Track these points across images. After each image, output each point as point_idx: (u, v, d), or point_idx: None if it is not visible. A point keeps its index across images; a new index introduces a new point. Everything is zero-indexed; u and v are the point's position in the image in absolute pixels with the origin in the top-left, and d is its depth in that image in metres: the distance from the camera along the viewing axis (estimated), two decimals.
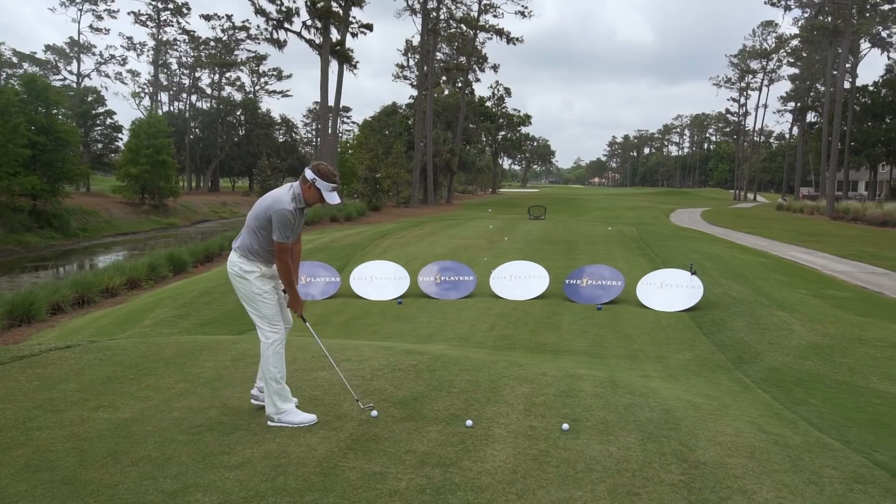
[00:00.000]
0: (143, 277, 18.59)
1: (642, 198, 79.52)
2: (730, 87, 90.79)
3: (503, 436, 4.27)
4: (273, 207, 4.32)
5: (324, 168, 4.39)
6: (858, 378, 8.20)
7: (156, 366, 5.80)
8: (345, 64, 45.09)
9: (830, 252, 25.28)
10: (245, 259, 4.44)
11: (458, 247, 21.73)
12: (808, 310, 12.44)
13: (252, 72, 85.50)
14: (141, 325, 10.88)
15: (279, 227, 4.29)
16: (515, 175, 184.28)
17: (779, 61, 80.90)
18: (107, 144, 60.18)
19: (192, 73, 79.85)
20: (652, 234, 26.37)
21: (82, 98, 56.22)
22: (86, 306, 15.57)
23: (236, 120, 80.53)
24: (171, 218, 48.17)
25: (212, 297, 13.08)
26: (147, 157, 45.76)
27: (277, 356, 4.46)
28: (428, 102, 56.45)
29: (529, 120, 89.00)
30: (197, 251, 24.43)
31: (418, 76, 58.27)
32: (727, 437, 4.39)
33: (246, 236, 4.46)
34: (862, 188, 79.42)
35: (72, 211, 37.77)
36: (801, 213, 52.09)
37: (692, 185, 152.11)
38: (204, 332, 10.33)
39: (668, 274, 12.81)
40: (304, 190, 4.38)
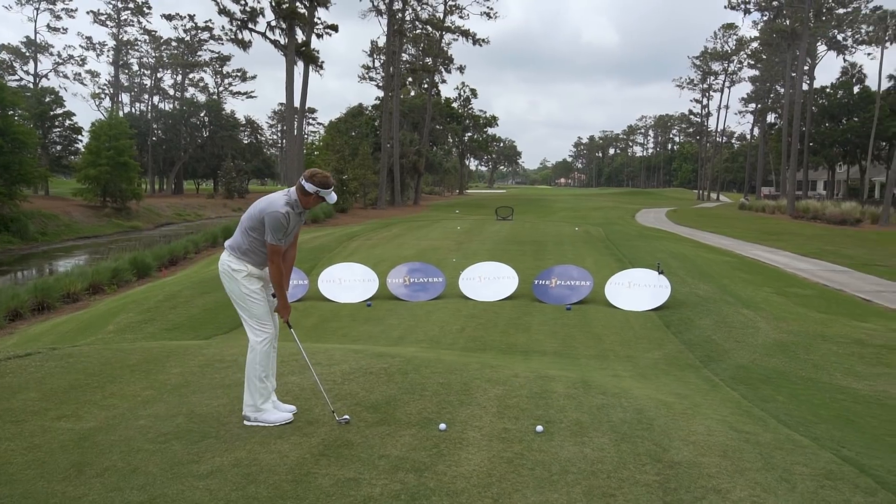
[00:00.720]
0: (106, 282, 18.15)
1: (608, 198, 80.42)
2: (692, 88, 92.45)
3: (477, 439, 4.24)
4: (266, 210, 4.39)
5: (321, 178, 4.45)
6: (823, 374, 8.37)
7: (120, 373, 5.64)
8: (310, 65, 44.70)
9: (792, 250, 25.88)
10: (235, 258, 4.50)
11: (426, 248, 21.69)
12: (772, 308, 12.69)
13: (216, 73, 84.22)
14: (104, 331, 10.60)
15: (271, 230, 4.34)
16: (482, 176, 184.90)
17: (739, 63, 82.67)
18: (66, 146, 58.56)
19: (153, 73, 78.35)
20: (619, 234, 26.67)
21: (39, 99, 54.62)
22: (46, 312, 15.13)
23: (200, 121, 79.15)
24: (133, 221, 47.11)
25: (177, 302, 12.82)
26: (108, 159, 44.68)
27: (265, 355, 4.51)
28: (394, 103, 56.27)
29: (496, 121, 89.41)
30: (161, 255, 23.97)
31: (384, 77, 58.07)
32: (700, 437, 4.43)
33: (238, 236, 4.53)
34: (821, 188, 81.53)
35: (30, 214, 36.70)
36: (763, 213, 53.23)
37: (656, 185, 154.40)
38: (170, 337, 10.11)
39: (635, 273, 12.94)
40: (305, 201, 4.47)
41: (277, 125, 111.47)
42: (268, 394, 4.57)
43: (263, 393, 4.53)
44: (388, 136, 56.00)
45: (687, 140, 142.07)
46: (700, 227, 38.85)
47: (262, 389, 4.52)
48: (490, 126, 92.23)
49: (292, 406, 4.78)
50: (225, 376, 5.59)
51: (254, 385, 4.50)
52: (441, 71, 71.07)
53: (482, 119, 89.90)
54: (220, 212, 61.34)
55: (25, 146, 36.88)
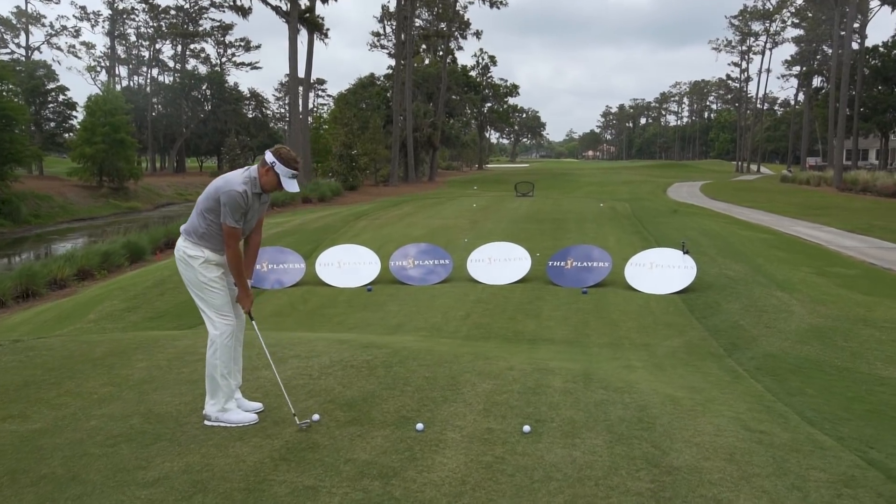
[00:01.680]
0: (96, 267, 18.24)
1: (638, 171, 79.53)
2: (730, 50, 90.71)
3: (456, 440, 4.08)
4: (222, 189, 4.23)
5: (285, 152, 4.30)
6: (861, 363, 8.09)
7: (81, 368, 5.56)
8: (315, 32, 44.42)
9: (837, 226, 25.29)
10: (190, 243, 4.35)
11: (437, 228, 21.53)
12: (810, 289, 12.36)
13: (218, 43, 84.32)
14: (84, 321, 10.62)
15: (228, 211, 4.20)
16: (504, 150, 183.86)
17: (782, 22, 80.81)
18: (60, 123, 59.10)
19: (152, 44, 78.53)
20: (647, 211, 26.27)
21: (31, 73, 55.10)
22: (31, 299, 15.25)
23: (202, 95, 79.45)
24: (132, 201, 47.54)
25: (165, 288, 12.81)
26: (103, 136, 44.98)
27: (225, 349, 4.37)
28: (407, 73, 55.87)
29: (517, 90, 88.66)
30: (157, 237, 24.02)
31: (395, 44, 57.61)
32: (706, 438, 4.23)
33: (194, 218, 4.37)
34: (872, 157, 79.74)
35: (22, 196, 37.12)
36: (807, 185, 52.23)
37: (692, 156, 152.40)
38: (152, 326, 10.09)
39: (658, 254, 12.67)
40: (261, 174, 4.30)
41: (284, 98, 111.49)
42: (230, 392, 4.46)
43: (226, 391, 4.41)
44: (400, 107, 55.69)
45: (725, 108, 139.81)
46: (737, 201, 38.19)
47: (224, 387, 4.40)
48: (511, 95, 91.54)
49: (258, 404, 4.67)
50: (193, 371, 5.49)
51: (214, 383, 4.38)
52: (457, 37, 70.52)
53: (502, 88, 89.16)
54: None
55: (16, 123, 37.19)
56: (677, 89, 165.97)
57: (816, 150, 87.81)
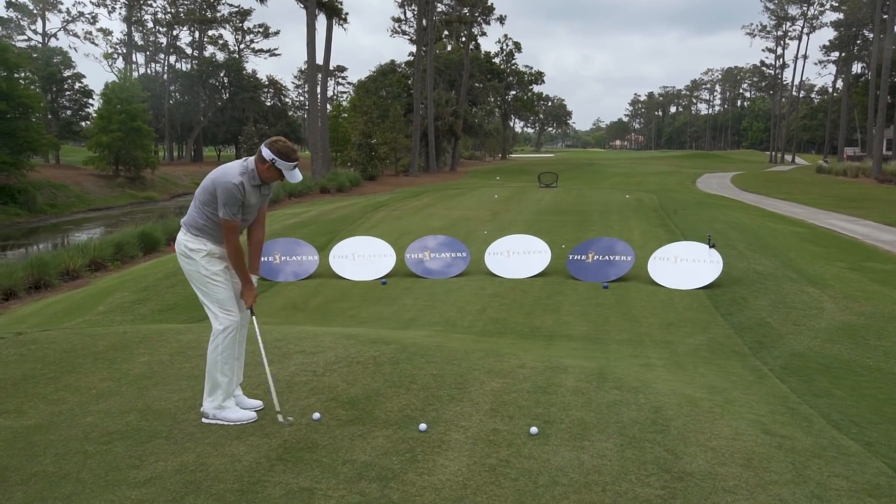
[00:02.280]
0: (109, 258, 18.43)
1: (667, 162, 78.74)
2: (765, 36, 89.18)
3: (460, 442, 4.03)
4: (218, 181, 4.23)
5: (282, 146, 4.28)
6: (894, 364, 7.90)
7: (82, 362, 5.59)
8: (333, 18, 44.43)
9: (875, 219, 24.80)
10: (191, 236, 4.34)
11: (457, 219, 21.45)
12: (843, 285, 12.12)
13: (236, 29, 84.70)
14: (94, 312, 10.72)
15: (224, 203, 4.19)
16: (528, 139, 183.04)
17: (821, 5, 79.23)
18: (76, 111, 59.88)
19: (169, 31, 79.14)
20: (674, 202, 25.96)
21: (48, 60, 55.82)
22: (43, 290, 15.44)
23: (219, 82, 79.96)
24: (148, 191, 48.04)
25: (177, 280, 12.87)
26: (120, 124, 45.45)
27: (228, 347, 4.36)
28: (428, 59, 55.73)
29: (542, 78, 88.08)
30: (172, 228, 24.20)
31: (417, 30, 57.47)
32: (722, 441, 4.13)
33: (192, 211, 4.36)
34: None
35: (38, 185, 37.65)
36: (845, 177, 51.30)
37: (723, 146, 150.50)
38: (161, 318, 10.16)
39: (683, 247, 12.48)
40: (259, 168, 4.29)
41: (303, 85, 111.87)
42: (230, 389, 4.44)
43: (226, 388, 4.39)
44: (421, 95, 55.59)
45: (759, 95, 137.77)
46: (769, 193, 37.64)
47: (224, 384, 4.38)
48: (536, 83, 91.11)
49: (258, 402, 4.65)
50: (195, 366, 5.49)
51: (214, 379, 4.36)
52: (480, 22, 70.14)
53: (527, 75, 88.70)
54: None
55: (32, 111, 37.69)
56: (709, 76, 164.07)
57: (855, 140, 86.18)
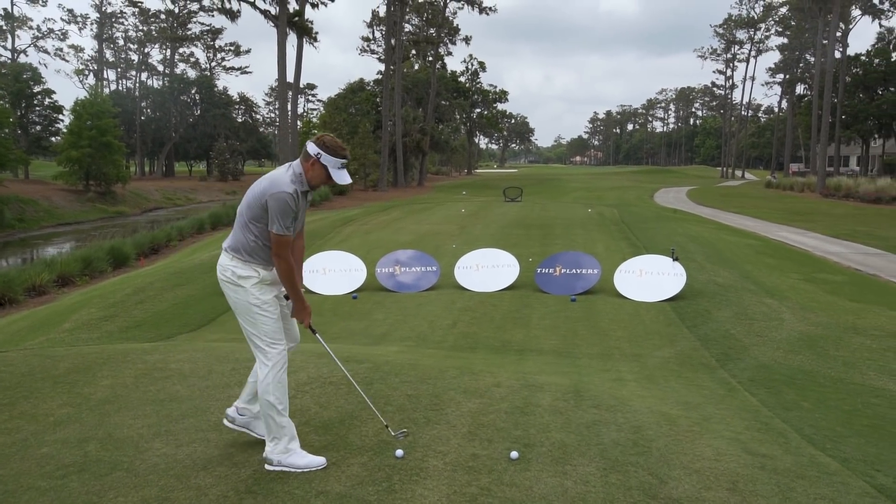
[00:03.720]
0: (77, 273, 17.76)
1: (625, 177, 79.53)
2: (715, 58, 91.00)
3: (438, 469, 3.74)
4: (269, 191, 3.67)
5: (330, 140, 3.79)
6: (855, 374, 7.84)
7: (41, 386, 5.18)
8: (304, 37, 43.99)
9: (822, 232, 25.17)
10: (240, 262, 3.77)
11: (425, 233, 21.18)
12: (799, 296, 12.14)
13: (207, 47, 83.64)
14: (58, 330, 10.18)
15: (278, 216, 3.65)
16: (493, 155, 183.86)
17: (767, 31, 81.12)
18: (46, 126, 58.24)
19: (141, 48, 77.81)
20: (634, 216, 26.04)
21: (17, 76, 54.24)
22: (8, 307, 14.76)
23: (191, 99, 78.75)
24: (119, 206, 46.83)
25: (145, 296, 12.39)
26: (90, 140, 44.29)
27: (279, 384, 3.78)
28: (396, 78, 55.54)
29: (506, 96, 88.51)
30: (142, 242, 23.60)
31: (385, 50, 57.27)
32: (706, 463, 3.91)
33: (239, 232, 3.79)
34: (854, 163, 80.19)
35: (6, 200, 36.41)
36: (791, 191, 52.29)
37: (678, 162, 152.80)
38: (128, 336, 9.68)
39: (648, 260, 12.39)
40: (306, 169, 3.77)
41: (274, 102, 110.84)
42: (293, 430, 3.86)
43: (289, 430, 3.80)
44: (390, 112, 55.31)
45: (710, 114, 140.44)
46: (723, 207, 38.10)
47: (287, 426, 3.80)
48: (500, 101, 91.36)
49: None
50: (161, 389, 5.12)
51: (273, 422, 3.77)
52: (446, 42, 70.23)
53: (491, 94, 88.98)
54: (212, 195, 61.00)
55: (0, 126, 36.50)
56: (663, 96, 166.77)
57: (799, 157, 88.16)
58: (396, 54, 56.42)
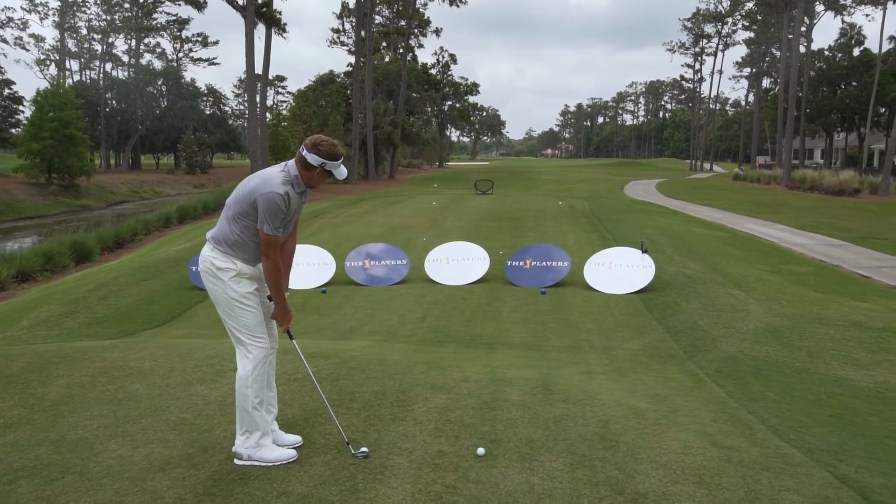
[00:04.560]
0: (38, 268, 17.32)
1: (596, 169, 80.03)
2: (684, 52, 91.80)
3: (404, 466, 3.68)
4: (259, 190, 3.64)
5: (327, 147, 3.73)
6: (819, 364, 7.94)
7: None
8: (273, 27, 43.41)
9: (787, 223, 25.57)
10: (220, 253, 3.74)
11: (396, 226, 21.07)
12: (765, 287, 12.29)
13: (174, 37, 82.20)
14: (16, 328, 9.89)
15: (267, 216, 3.62)
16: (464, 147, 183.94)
17: (734, 25, 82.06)
18: (6, 118, 56.78)
19: (105, 38, 76.08)
20: (605, 209, 26.20)
21: None
22: None
23: (157, 91, 77.31)
24: (83, 199, 45.85)
25: (109, 291, 12.12)
26: (52, 132, 43.25)
27: (259, 378, 3.75)
28: (366, 70, 55.11)
29: (477, 88, 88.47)
30: (106, 237, 23.09)
31: (355, 41, 56.80)
32: (673, 457, 3.90)
33: (224, 224, 3.76)
34: (818, 156, 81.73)
35: None
36: (758, 183, 53.07)
37: (647, 155, 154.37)
38: (89, 332, 9.45)
39: (617, 253, 12.44)
40: (307, 176, 3.76)
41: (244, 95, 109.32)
42: (266, 425, 3.84)
43: (262, 425, 3.80)
44: (360, 105, 54.88)
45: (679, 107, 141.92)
46: (692, 199, 38.52)
47: (259, 420, 3.77)
48: (471, 94, 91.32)
49: (297, 437, 4.06)
50: (119, 388, 4.98)
51: (247, 416, 3.75)
52: (417, 35, 69.91)
53: (462, 86, 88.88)
54: (180, 188, 60.08)
55: None
56: (633, 89, 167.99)
57: (766, 150, 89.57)
58: (367, 46, 55.97)
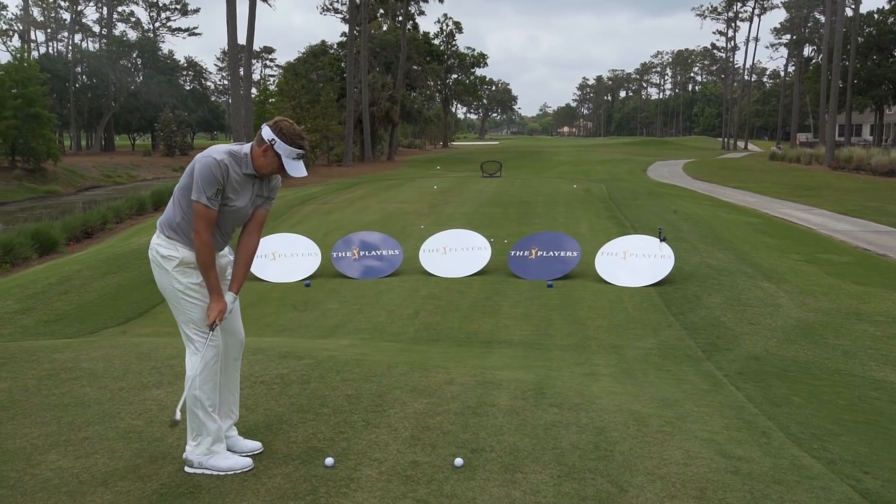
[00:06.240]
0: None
1: (617, 149, 79.80)
2: (716, 17, 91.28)
3: (372, 479, 3.66)
4: (198, 158, 3.62)
5: (287, 126, 3.68)
6: (854, 364, 7.89)
7: None
8: None
9: (829, 208, 25.44)
10: (164, 238, 3.71)
11: (392, 213, 21.08)
12: (799, 279, 12.23)
13: (150, 5, 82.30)
14: None
15: (201, 183, 3.55)
16: (472, 126, 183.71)
17: None
18: None
19: (73, 6, 76.12)
20: (624, 192, 26.13)
21: None
22: None
23: (132, 64, 77.54)
24: (51, 184, 46.05)
25: (71, 286, 12.16)
26: (15, 110, 43.43)
27: (209, 378, 3.72)
28: (362, 40, 55.01)
29: (485, 60, 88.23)
30: (73, 225, 23.19)
31: (349, 8, 56.67)
32: (673, 468, 3.87)
33: (169, 208, 3.74)
34: (867, 133, 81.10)
35: None
36: (798, 163, 52.84)
37: (675, 133, 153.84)
38: (47, 331, 9.49)
39: (632, 241, 12.39)
40: (256, 154, 3.69)
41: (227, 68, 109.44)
42: (219, 431, 3.80)
43: (214, 431, 3.76)
44: (355, 79, 54.82)
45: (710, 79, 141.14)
46: (722, 181, 38.38)
47: (210, 425, 3.74)
48: (479, 66, 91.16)
49: (257, 444, 4.02)
50: (66, 392, 4.98)
51: (197, 420, 3.73)
52: (417, 0, 69.61)
53: (469, 58, 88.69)
54: (157, 172, 60.27)
55: None
56: (659, 59, 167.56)
57: (808, 126, 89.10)
58: (362, 13, 55.84)
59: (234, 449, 3.92)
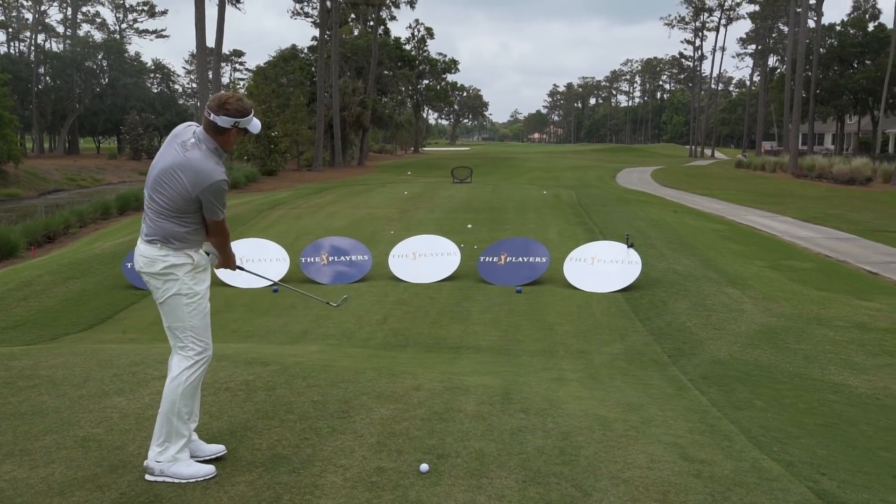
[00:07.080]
0: None
1: (587, 156, 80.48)
2: (683, 27, 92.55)
3: (337, 485, 3.65)
4: (201, 185, 3.67)
5: (234, 103, 3.73)
6: (814, 368, 8.04)
7: None
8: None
9: (792, 215, 25.91)
10: (172, 251, 3.75)
11: (362, 218, 21.03)
12: (762, 285, 12.42)
13: (116, 6, 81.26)
14: None
15: (220, 204, 3.80)
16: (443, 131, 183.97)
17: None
18: None
19: (36, 5, 74.85)
20: (593, 199, 26.33)
21: None
22: None
23: (97, 66, 76.41)
24: (11, 188, 45.23)
25: (31, 291, 11.95)
26: None
27: (193, 386, 3.80)
28: (333, 44, 54.84)
29: (457, 66, 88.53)
30: (34, 230, 22.75)
31: (320, 12, 56.48)
32: (636, 472, 3.91)
33: (164, 223, 3.74)
34: (828, 142, 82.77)
35: None
36: (763, 171, 53.73)
37: (644, 140, 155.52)
38: (5, 337, 9.31)
39: (600, 247, 12.50)
40: (223, 142, 3.81)
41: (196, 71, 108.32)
42: (188, 439, 3.82)
43: (183, 435, 3.78)
44: (325, 83, 54.60)
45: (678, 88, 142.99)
46: (689, 188, 38.88)
47: (183, 432, 3.76)
48: (450, 72, 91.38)
49: (220, 447, 4.01)
50: (23, 400, 4.89)
51: (171, 426, 3.73)
52: (389, 5, 69.63)
53: (440, 63, 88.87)
54: (123, 175, 59.47)
55: None
56: (629, 67, 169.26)
57: (773, 134, 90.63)
58: (333, 18, 55.68)
59: (196, 454, 3.90)
